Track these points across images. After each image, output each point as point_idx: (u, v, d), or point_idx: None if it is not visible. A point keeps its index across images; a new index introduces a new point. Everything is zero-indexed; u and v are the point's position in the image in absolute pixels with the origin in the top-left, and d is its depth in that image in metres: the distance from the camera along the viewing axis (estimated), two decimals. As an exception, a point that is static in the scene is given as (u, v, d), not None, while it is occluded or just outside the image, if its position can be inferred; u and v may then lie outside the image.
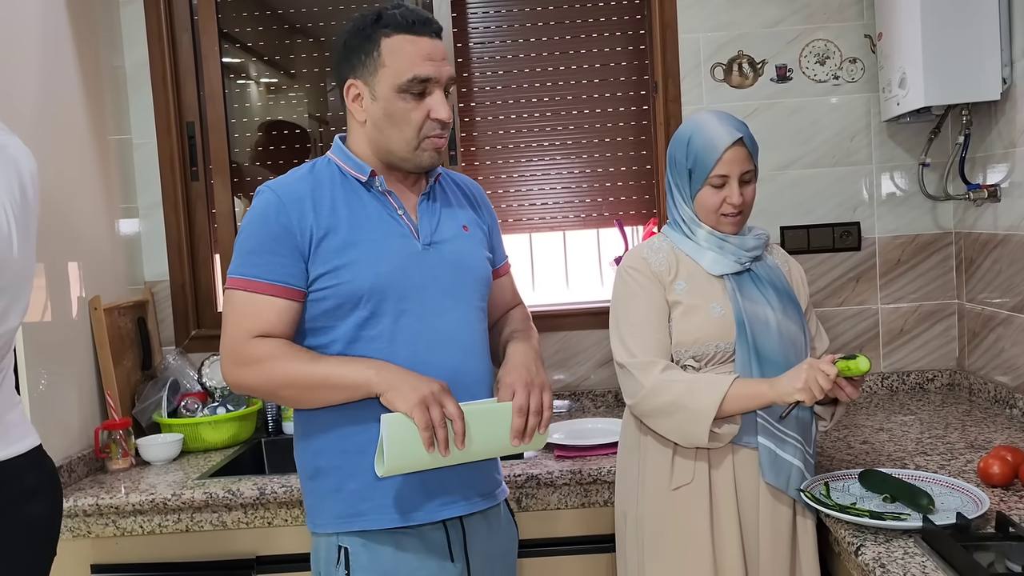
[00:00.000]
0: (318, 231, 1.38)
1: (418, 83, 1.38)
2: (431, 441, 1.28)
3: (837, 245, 2.48)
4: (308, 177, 1.44)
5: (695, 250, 1.64)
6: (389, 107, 1.40)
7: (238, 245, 1.41)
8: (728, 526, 1.58)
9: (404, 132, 1.41)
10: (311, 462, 1.45)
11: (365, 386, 1.33)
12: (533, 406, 1.36)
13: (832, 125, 2.47)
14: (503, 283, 1.65)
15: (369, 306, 1.39)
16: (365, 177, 1.44)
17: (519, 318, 1.64)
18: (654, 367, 1.55)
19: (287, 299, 1.37)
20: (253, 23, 2.63)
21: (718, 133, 1.57)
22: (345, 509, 1.41)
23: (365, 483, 1.39)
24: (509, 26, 2.61)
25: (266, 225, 1.38)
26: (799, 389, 1.45)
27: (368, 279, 1.38)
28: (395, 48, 1.39)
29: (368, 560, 1.39)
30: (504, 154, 2.63)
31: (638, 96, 2.59)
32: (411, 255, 1.43)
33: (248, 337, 1.36)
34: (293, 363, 1.35)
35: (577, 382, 2.56)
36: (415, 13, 1.41)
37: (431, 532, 1.43)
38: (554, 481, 1.92)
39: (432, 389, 1.30)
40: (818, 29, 2.45)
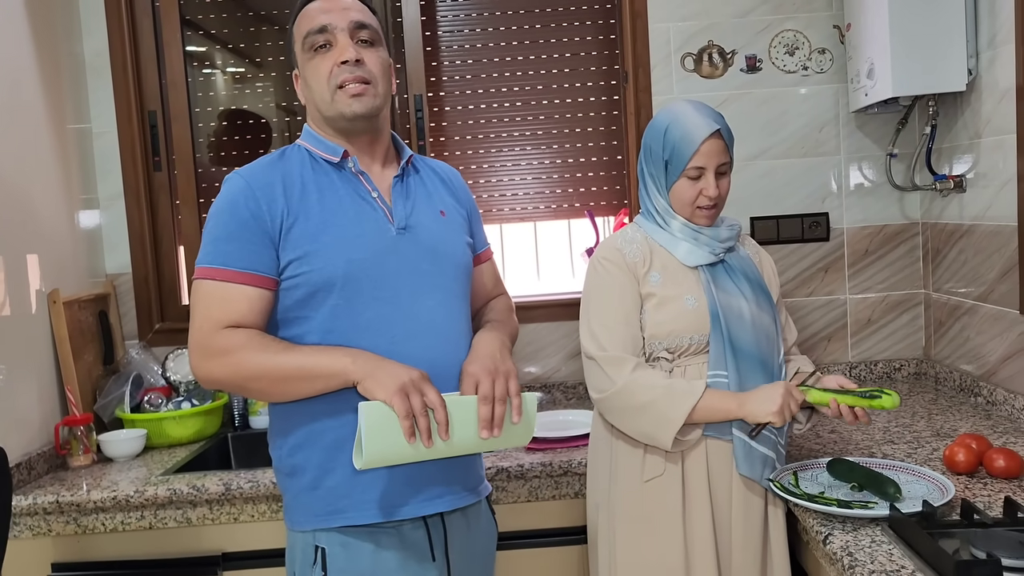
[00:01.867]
0: (288, 217, 1.34)
1: (315, 35, 1.38)
2: (412, 431, 1.23)
3: (806, 235, 2.49)
4: (278, 163, 1.40)
5: (669, 241, 1.63)
6: (305, 71, 1.42)
7: (206, 233, 1.36)
8: (700, 516, 1.58)
9: (319, 87, 1.39)
10: (287, 459, 1.40)
11: (341, 374, 1.28)
12: (498, 394, 1.31)
13: (801, 116, 2.47)
14: (484, 270, 1.60)
15: (344, 294, 1.34)
16: (337, 158, 1.40)
17: (499, 308, 1.60)
18: (625, 365, 1.54)
19: (258, 287, 1.33)
20: (218, 10, 2.58)
21: (696, 124, 1.56)
22: (324, 506, 1.36)
23: (344, 479, 1.35)
24: (478, 15, 2.58)
25: (235, 212, 1.33)
26: (774, 412, 1.48)
27: (340, 265, 1.34)
28: (298, 24, 1.42)
29: (346, 561, 1.35)
30: (474, 144, 2.60)
31: (608, 86, 2.58)
32: (386, 240, 1.38)
33: (217, 328, 1.30)
34: (264, 353, 1.30)
35: (548, 374, 2.55)
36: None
37: (411, 531, 1.39)
38: (525, 474, 1.91)
39: (412, 376, 1.25)
40: (787, 20, 2.45)
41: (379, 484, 1.36)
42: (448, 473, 1.40)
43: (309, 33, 1.38)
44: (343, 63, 1.37)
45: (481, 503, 1.51)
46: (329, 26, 1.37)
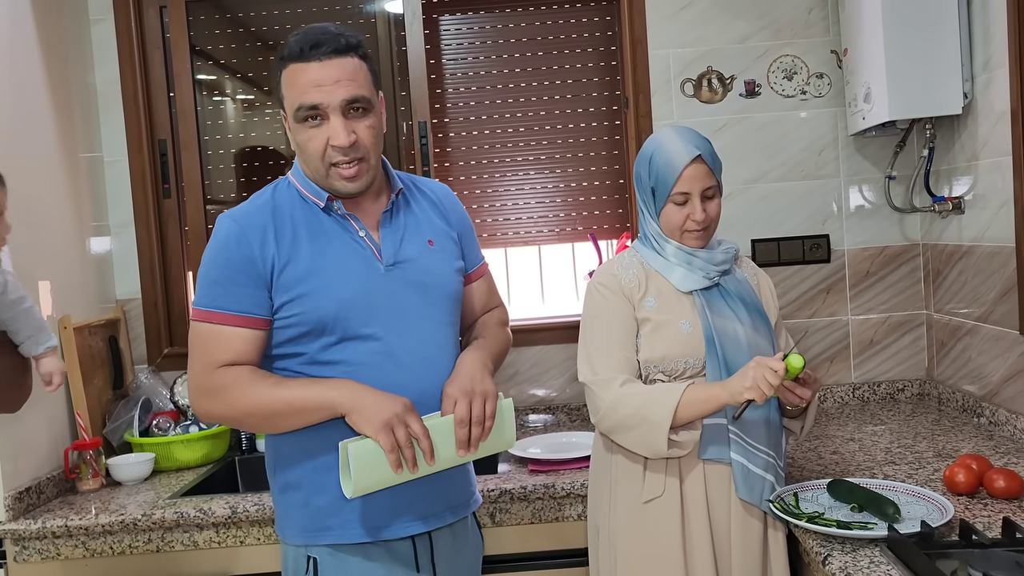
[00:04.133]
0: (280, 260, 1.38)
1: (306, 111, 1.36)
2: (398, 463, 1.29)
3: (807, 257, 2.51)
4: (269, 204, 1.43)
5: (664, 266, 1.65)
6: (296, 137, 1.41)
7: (201, 275, 1.40)
8: (700, 538, 1.59)
9: (312, 160, 1.40)
10: (280, 476, 1.45)
11: (329, 407, 1.33)
12: (475, 415, 1.35)
13: (800, 139, 2.50)
14: (478, 287, 1.63)
15: (335, 333, 1.39)
16: (323, 203, 1.43)
17: (490, 324, 1.62)
18: (613, 383, 1.56)
19: (252, 328, 1.38)
20: (227, 40, 2.64)
21: (677, 151, 1.58)
22: (312, 523, 1.41)
23: (332, 499, 1.39)
24: (482, 42, 2.63)
25: (228, 255, 1.37)
26: (748, 388, 1.45)
27: (331, 307, 1.38)
28: (287, 79, 1.38)
29: (336, 570, 1.40)
30: (478, 169, 2.64)
31: (610, 111, 2.62)
32: (374, 278, 1.42)
33: (213, 367, 1.36)
34: (256, 388, 1.35)
35: (552, 396, 2.57)
36: (308, 37, 1.36)
37: (398, 545, 1.43)
38: (527, 495, 1.92)
39: (395, 410, 1.29)
40: (786, 45, 2.49)
41: (365, 507, 1.40)
42: (434, 496, 1.45)
43: (300, 107, 1.35)
44: (334, 146, 1.36)
45: (468, 519, 1.55)
46: (321, 106, 1.35)
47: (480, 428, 1.35)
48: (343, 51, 1.36)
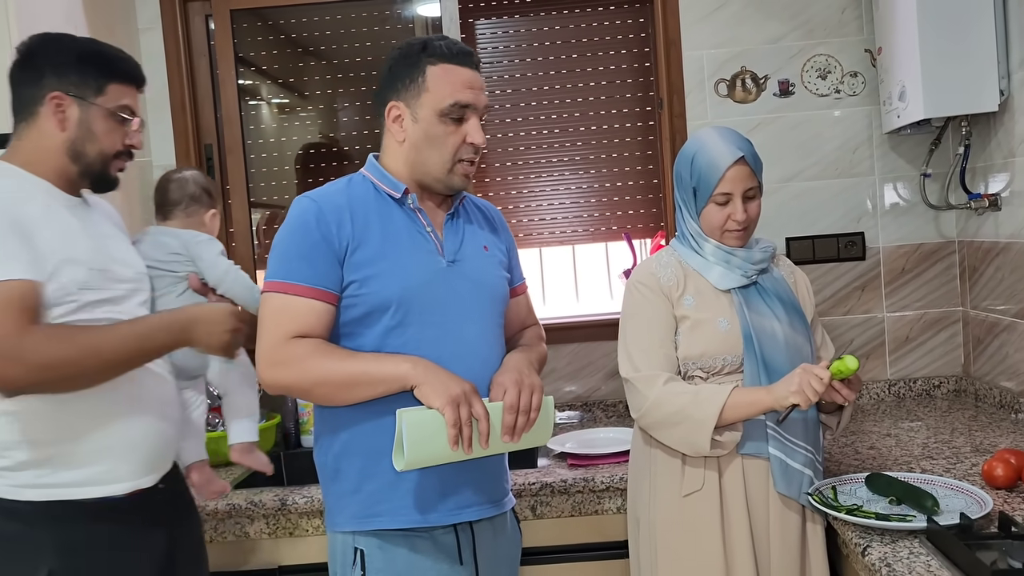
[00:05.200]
0: (353, 241, 1.45)
1: (458, 108, 1.46)
2: (456, 440, 1.34)
3: (842, 255, 2.53)
4: (345, 190, 1.51)
5: (703, 265, 1.68)
6: (429, 130, 1.48)
7: (277, 250, 1.47)
8: (739, 531, 1.62)
9: (441, 154, 1.48)
10: (331, 463, 1.50)
11: (401, 379, 1.38)
12: (523, 404, 1.41)
13: (835, 138, 2.52)
14: (519, 302, 1.71)
15: (396, 316, 1.45)
16: (399, 194, 1.51)
17: (530, 336, 1.70)
18: (657, 380, 1.60)
19: (325, 302, 1.43)
20: (267, 47, 2.71)
21: (720, 152, 1.62)
22: (363, 509, 1.46)
23: (383, 485, 1.45)
24: (517, 46, 2.68)
25: (306, 232, 1.44)
26: (793, 392, 1.50)
27: (396, 290, 1.45)
28: (439, 75, 1.47)
29: (383, 562, 1.45)
30: (514, 171, 2.69)
31: (644, 112, 2.65)
32: (436, 271, 1.49)
33: (287, 338, 1.41)
34: (329, 360, 1.41)
35: (588, 393, 2.61)
36: (458, 45, 1.50)
37: (442, 535, 1.48)
38: (567, 489, 1.97)
39: (463, 388, 1.36)
40: (819, 44, 2.50)
41: (414, 492, 1.46)
42: (477, 487, 1.51)
43: (456, 104, 1.46)
44: (471, 143, 1.48)
45: (507, 513, 1.60)
46: (472, 106, 1.47)
47: (526, 417, 1.41)
48: (478, 66, 1.51)
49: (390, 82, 1.51)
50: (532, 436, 1.45)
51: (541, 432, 1.47)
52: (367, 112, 2.71)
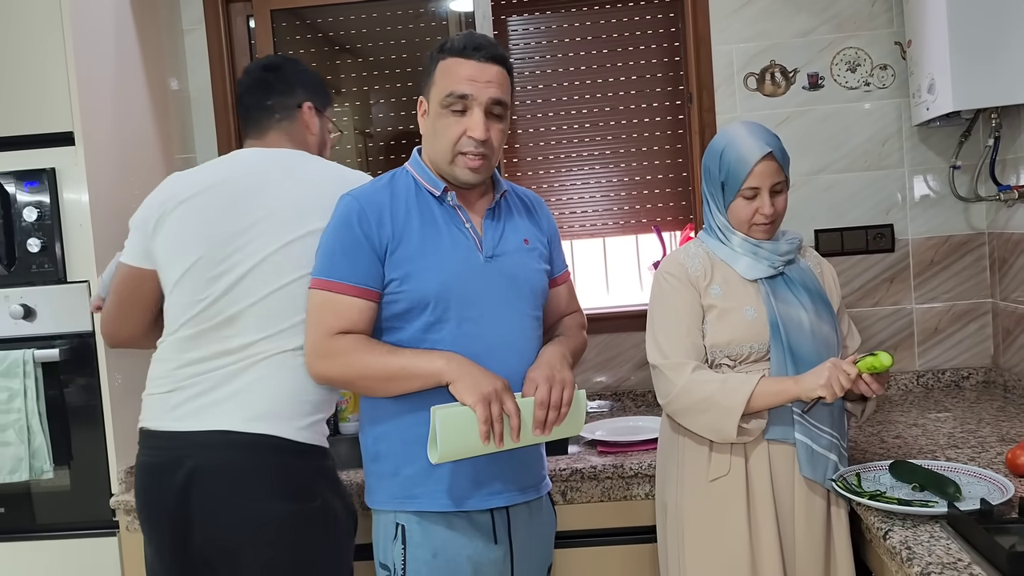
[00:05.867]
0: (393, 240, 1.51)
1: (455, 99, 1.50)
2: (488, 435, 1.40)
3: (871, 247, 2.54)
4: (387, 188, 1.57)
5: (730, 256, 1.72)
6: (435, 121, 1.54)
7: (322, 248, 1.54)
8: (764, 515, 1.66)
9: (442, 144, 1.53)
10: (373, 446, 1.58)
11: (436, 375, 1.45)
12: (554, 400, 1.47)
13: (864, 130, 2.53)
14: (560, 291, 1.76)
15: (435, 312, 1.51)
16: (439, 192, 1.56)
17: (570, 325, 1.75)
18: (685, 368, 1.65)
19: (367, 300, 1.51)
20: (304, 45, 2.79)
21: (748, 147, 1.66)
22: (401, 491, 1.54)
23: (420, 469, 1.52)
24: (548, 42, 2.72)
25: (349, 231, 1.51)
26: (821, 386, 1.54)
27: (434, 287, 1.51)
28: (445, 68, 1.53)
29: (422, 537, 1.53)
30: (545, 165, 2.74)
31: (673, 107, 2.69)
32: (474, 267, 1.55)
33: (331, 333, 1.49)
34: (371, 355, 1.48)
35: (618, 383, 2.66)
36: (473, 40, 1.54)
37: (478, 516, 1.55)
38: (597, 475, 2.02)
39: (496, 386, 1.42)
40: (849, 38, 2.52)
41: (449, 478, 1.53)
42: (511, 475, 1.57)
43: (451, 94, 1.50)
44: (470, 136, 1.51)
45: (543, 497, 1.66)
46: (470, 97, 1.50)
47: (556, 413, 1.47)
48: (497, 60, 1.53)
49: (422, 79, 1.59)
50: (563, 428, 1.50)
51: (572, 424, 1.52)
52: (401, 108, 2.77)
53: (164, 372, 1.66)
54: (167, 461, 1.60)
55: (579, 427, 1.54)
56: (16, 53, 2.07)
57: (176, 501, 1.58)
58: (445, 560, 1.52)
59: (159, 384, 1.67)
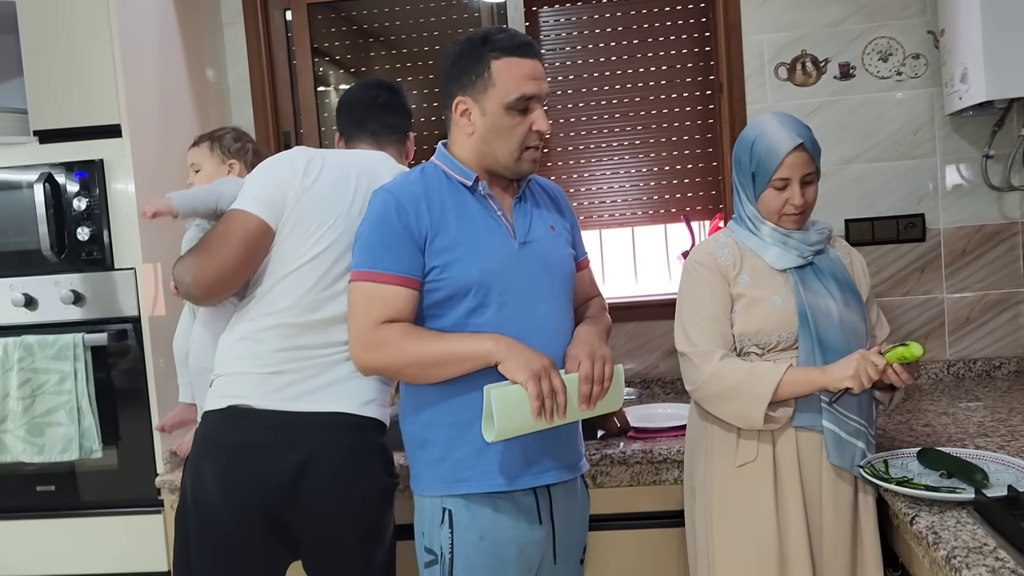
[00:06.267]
0: (432, 230, 1.56)
1: (524, 101, 1.55)
2: (540, 411, 1.44)
3: (902, 236, 2.55)
4: (420, 180, 1.61)
5: (759, 246, 1.74)
6: (497, 122, 1.57)
7: (362, 241, 1.58)
8: (792, 500, 1.68)
9: (509, 144, 1.58)
10: (419, 433, 1.62)
11: (486, 356, 1.49)
12: (596, 375, 1.51)
13: (896, 120, 2.53)
14: (583, 276, 1.81)
15: (476, 297, 1.56)
16: (470, 182, 1.61)
17: (595, 307, 1.80)
18: (713, 355, 1.67)
19: (409, 288, 1.55)
20: (339, 37, 2.84)
21: (780, 138, 1.67)
22: (450, 476, 1.58)
23: (468, 453, 1.56)
24: (579, 33, 2.75)
25: (388, 223, 1.55)
26: (849, 377, 1.57)
27: (475, 273, 1.55)
28: (503, 70, 1.55)
29: (469, 520, 1.57)
30: (575, 155, 2.77)
31: (703, 96, 2.70)
32: (510, 253, 1.60)
33: (377, 323, 1.53)
34: (418, 342, 1.52)
35: (647, 370, 2.69)
36: (519, 36, 1.58)
37: (522, 497, 1.60)
38: (627, 460, 2.06)
39: (543, 363, 1.46)
40: (880, 27, 2.52)
41: (497, 459, 1.57)
42: (553, 454, 1.61)
43: (521, 97, 1.55)
44: (537, 131, 1.57)
45: (578, 478, 1.71)
46: (537, 96, 1.56)
47: (600, 387, 1.51)
48: (539, 54, 1.59)
49: (455, 77, 1.59)
50: (605, 403, 1.55)
51: (613, 399, 1.56)
52: (435, 98, 2.82)
53: (262, 353, 1.68)
54: (278, 440, 1.65)
55: (619, 402, 1.59)
56: (67, 51, 2.15)
57: (290, 480, 1.64)
58: (492, 542, 1.57)
59: (257, 364, 1.68)
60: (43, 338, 2.13)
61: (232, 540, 1.68)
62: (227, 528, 1.67)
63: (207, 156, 2.01)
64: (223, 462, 1.68)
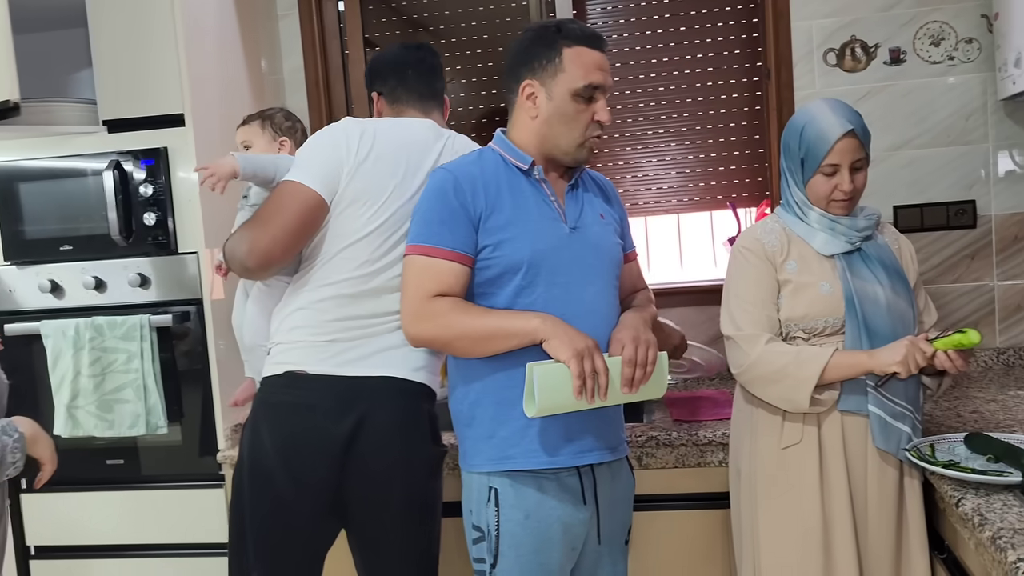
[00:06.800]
0: (487, 209, 1.61)
1: (590, 89, 1.60)
2: (581, 390, 1.48)
3: (952, 223, 2.53)
4: (478, 162, 1.67)
5: (807, 232, 1.76)
6: (562, 108, 1.62)
7: (418, 216, 1.64)
8: (837, 484, 1.70)
9: (573, 131, 1.63)
10: (467, 411, 1.67)
11: (532, 333, 1.53)
12: (640, 359, 1.54)
13: (947, 105, 2.51)
14: (631, 268, 1.84)
15: (527, 277, 1.60)
16: (526, 166, 1.66)
17: (642, 298, 1.84)
18: (759, 339, 1.70)
19: (462, 264, 1.60)
20: (390, 28, 2.90)
21: (830, 124, 1.68)
22: (497, 452, 1.63)
23: (514, 431, 1.62)
24: (626, 20, 2.77)
25: (445, 200, 1.61)
26: (897, 362, 1.59)
27: (526, 254, 1.60)
28: (573, 57, 1.61)
29: (515, 499, 1.62)
30: (621, 142, 2.80)
31: (751, 82, 2.71)
32: (561, 236, 1.64)
33: (429, 296, 1.58)
34: (468, 316, 1.57)
35: (691, 355, 2.71)
36: (585, 28, 1.64)
37: (567, 478, 1.64)
38: (672, 442, 2.10)
39: (588, 344, 1.50)
40: (933, 11, 2.49)
41: (541, 437, 1.61)
42: (596, 434, 1.65)
43: (589, 85, 1.60)
44: (599, 120, 1.62)
45: (623, 460, 1.75)
46: (602, 87, 1.62)
47: (643, 371, 1.54)
48: (606, 48, 1.65)
49: (525, 61, 1.64)
50: (648, 389, 1.58)
51: (655, 386, 1.59)
52: (482, 87, 2.86)
53: (319, 322, 1.74)
54: (334, 404, 1.71)
55: (662, 390, 1.61)
56: (134, 44, 2.24)
57: (343, 442, 1.71)
58: (537, 521, 1.62)
59: (314, 332, 1.75)
60: (112, 319, 2.24)
61: (286, 502, 1.73)
62: (282, 490, 1.73)
63: (259, 134, 2.06)
64: (281, 425, 1.74)
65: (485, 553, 1.64)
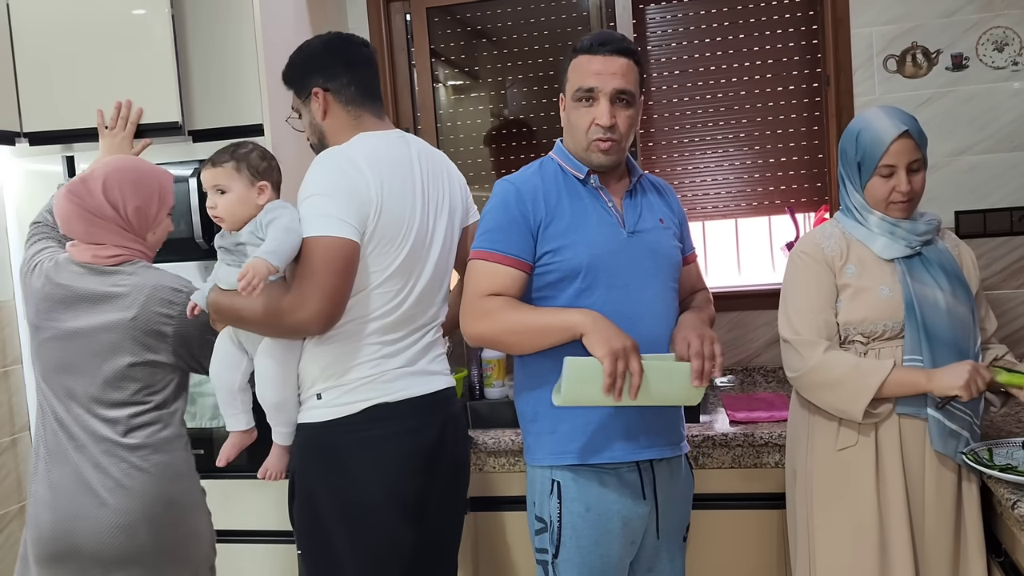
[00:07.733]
0: (546, 217, 1.69)
1: (583, 92, 1.68)
2: (610, 388, 1.52)
3: (1015, 229, 2.51)
4: (538, 173, 1.76)
5: (867, 236, 1.78)
6: (570, 114, 1.73)
7: (482, 224, 1.74)
8: (894, 486, 1.72)
9: (577, 134, 1.71)
10: (531, 408, 1.75)
11: (572, 328, 1.59)
12: (707, 352, 1.59)
13: (1011, 110, 2.49)
14: (690, 269, 1.90)
15: (585, 280, 1.68)
16: (583, 175, 1.73)
17: (700, 299, 1.89)
18: (818, 346, 1.73)
19: (518, 269, 1.68)
20: (455, 38, 3.00)
21: (885, 127, 1.72)
22: (558, 447, 1.70)
23: (575, 426, 1.69)
24: (686, 29, 2.81)
25: (507, 210, 1.70)
26: (960, 386, 1.60)
27: (585, 258, 1.67)
28: (575, 65, 1.71)
29: (576, 492, 1.69)
30: (680, 147, 2.84)
31: (810, 89, 2.73)
32: (619, 241, 1.71)
33: (483, 295, 1.67)
34: (517, 313, 1.65)
35: (749, 358, 2.75)
36: (601, 37, 1.71)
37: (627, 473, 1.70)
38: (728, 442, 2.14)
39: (624, 344, 1.54)
40: (996, 17, 2.48)
41: (601, 433, 1.68)
42: (655, 431, 1.71)
43: (580, 89, 1.68)
44: (597, 123, 1.67)
45: (682, 457, 1.80)
46: (595, 89, 1.67)
47: (712, 363, 1.58)
48: (623, 52, 1.69)
49: (560, 77, 1.77)
50: (681, 395, 1.59)
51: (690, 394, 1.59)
52: (543, 96, 2.94)
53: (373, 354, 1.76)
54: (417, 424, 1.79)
55: (699, 395, 1.62)
56: (217, 59, 2.37)
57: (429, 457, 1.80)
58: (597, 514, 1.68)
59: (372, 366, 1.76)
60: (195, 318, 2.37)
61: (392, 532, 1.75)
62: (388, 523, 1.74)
63: (234, 177, 1.81)
64: (376, 458, 1.73)
65: (547, 544, 1.71)
